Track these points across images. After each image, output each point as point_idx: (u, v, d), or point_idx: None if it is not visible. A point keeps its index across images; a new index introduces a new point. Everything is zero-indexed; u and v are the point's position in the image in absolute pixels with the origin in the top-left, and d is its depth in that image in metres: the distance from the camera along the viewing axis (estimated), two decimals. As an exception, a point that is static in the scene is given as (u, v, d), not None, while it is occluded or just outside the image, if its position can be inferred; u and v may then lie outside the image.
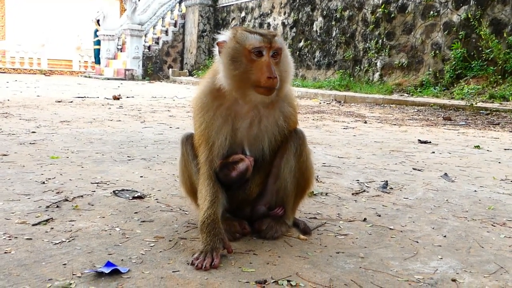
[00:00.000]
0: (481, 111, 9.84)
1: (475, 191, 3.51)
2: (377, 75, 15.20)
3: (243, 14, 22.32)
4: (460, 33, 12.97)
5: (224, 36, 2.22)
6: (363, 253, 2.18)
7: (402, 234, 2.48)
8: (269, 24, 20.15)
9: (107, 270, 1.83)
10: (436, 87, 12.97)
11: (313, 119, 8.32)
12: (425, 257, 2.18)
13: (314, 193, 3.18)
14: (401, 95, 12.92)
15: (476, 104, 10.24)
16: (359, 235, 2.45)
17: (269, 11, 20.48)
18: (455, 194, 3.38)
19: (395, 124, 8.02)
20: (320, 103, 12.51)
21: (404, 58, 14.51)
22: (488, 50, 12.10)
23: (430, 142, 5.89)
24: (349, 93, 13.58)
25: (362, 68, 15.82)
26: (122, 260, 1.99)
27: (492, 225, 2.72)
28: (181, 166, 2.48)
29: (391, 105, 11.67)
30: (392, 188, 3.47)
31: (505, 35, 12.06)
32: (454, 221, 2.75)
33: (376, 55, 15.30)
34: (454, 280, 1.94)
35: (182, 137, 2.47)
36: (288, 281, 1.85)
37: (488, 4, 12.65)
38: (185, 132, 2.49)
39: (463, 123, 8.45)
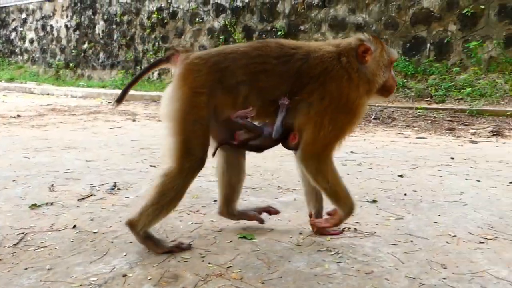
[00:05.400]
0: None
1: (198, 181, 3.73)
2: (156, 74, 15.20)
3: (23, 15, 19.98)
4: (221, 37, 13.74)
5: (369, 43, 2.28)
6: (51, 264, 2.14)
7: (103, 236, 2.51)
8: (52, 27, 18.48)
9: None
10: (204, 83, 13.55)
11: (85, 121, 7.92)
12: (111, 256, 2.24)
13: (38, 205, 3.01)
14: (175, 92, 13.18)
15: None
16: (60, 244, 2.39)
17: (52, 14, 18.73)
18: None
19: (160, 120, 8.11)
20: (102, 102, 11.99)
21: (178, 58, 14.79)
22: (242, 52, 13.06)
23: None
24: (130, 92, 13.28)
25: (142, 68, 15.66)
26: None
27: (187, 213, 2.93)
28: None
29: (166, 101, 11.78)
30: (119, 189, 3.49)
31: (254, 39, 13.16)
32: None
33: (154, 56, 15.26)
34: (124, 276, 2.03)
35: None
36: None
37: (240, 14, 13.62)
38: None
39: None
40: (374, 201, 3.18)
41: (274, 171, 4.14)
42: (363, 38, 2.30)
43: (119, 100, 2.47)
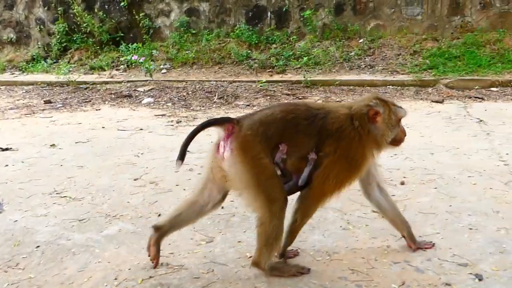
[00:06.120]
0: (81, 86, 10.01)
1: (16, 221, 3.66)
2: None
3: None
4: (59, 9, 12.72)
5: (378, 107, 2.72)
6: None
7: None
8: None
9: None
10: (47, 60, 12.57)
11: None
12: None
13: None
14: (12, 74, 12.05)
15: (78, 78, 10.42)
16: None
17: None
18: (-6, 233, 3.42)
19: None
20: None
21: (12, 33, 13.42)
22: (85, 24, 12.31)
23: (11, 149, 5.66)
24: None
25: None
26: None
27: (5, 271, 2.94)
28: None
29: (2, 87, 10.75)
30: None
31: (96, 10, 12.45)
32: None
33: (-18, 31, 13.61)
34: None
35: None
36: None
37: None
38: None
39: (61, 105, 8.53)
40: (192, 221, 3.51)
41: (106, 190, 4.24)
42: (371, 104, 2.74)
43: (181, 158, 2.63)
